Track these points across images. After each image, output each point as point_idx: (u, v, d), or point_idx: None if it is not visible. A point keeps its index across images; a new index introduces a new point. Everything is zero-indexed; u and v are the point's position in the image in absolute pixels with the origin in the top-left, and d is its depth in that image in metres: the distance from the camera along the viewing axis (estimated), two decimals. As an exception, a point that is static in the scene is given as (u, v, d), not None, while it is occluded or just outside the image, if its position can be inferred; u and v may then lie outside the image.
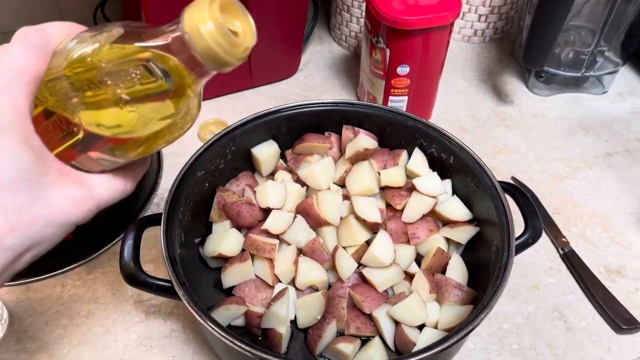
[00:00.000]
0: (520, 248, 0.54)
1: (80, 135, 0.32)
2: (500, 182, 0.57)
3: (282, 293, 0.55)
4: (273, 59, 0.84)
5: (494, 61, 0.93)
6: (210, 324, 0.46)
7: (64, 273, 0.63)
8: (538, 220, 0.56)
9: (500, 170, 0.75)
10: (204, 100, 0.83)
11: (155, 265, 0.64)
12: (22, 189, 0.29)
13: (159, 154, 0.75)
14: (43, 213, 0.30)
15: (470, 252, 0.60)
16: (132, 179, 0.37)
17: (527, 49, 0.74)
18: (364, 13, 0.87)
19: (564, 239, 0.67)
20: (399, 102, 0.77)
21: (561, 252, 0.66)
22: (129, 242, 0.52)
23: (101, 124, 0.31)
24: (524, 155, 0.78)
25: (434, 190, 0.59)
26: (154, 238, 0.65)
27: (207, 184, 0.60)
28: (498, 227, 0.53)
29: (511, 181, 0.74)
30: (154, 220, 0.54)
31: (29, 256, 0.31)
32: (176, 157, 0.76)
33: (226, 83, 0.83)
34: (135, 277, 0.50)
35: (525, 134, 0.81)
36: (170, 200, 0.53)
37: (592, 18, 0.83)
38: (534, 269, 0.65)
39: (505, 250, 0.51)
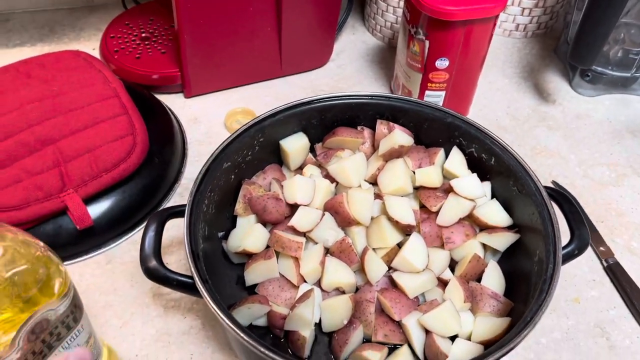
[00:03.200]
0: (565, 259, 0.50)
1: None
2: (546, 188, 0.53)
3: (307, 295, 0.52)
4: (304, 47, 0.81)
5: (536, 58, 0.88)
6: (233, 326, 0.43)
7: (83, 261, 0.61)
8: (585, 230, 0.52)
9: (540, 174, 0.71)
10: (231, 88, 0.81)
11: (175, 257, 0.61)
12: None
13: (183, 141, 0.73)
14: None
15: (508, 259, 0.57)
16: None
17: (576, 45, 0.70)
18: (400, 2, 0.84)
19: (608, 250, 0.63)
20: (436, 97, 0.73)
21: (605, 264, 0.62)
22: (150, 235, 0.50)
23: None
24: (565, 159, 0.73)
25: (473, 193, 0.56)
26: (175, 229, 0.62)
27: (232, 176, 0.57)
28: (542, 236, 0.50)
29: (552, 186, 0.70)
30: (177, 212, 0.52)
31: None
32: (201, 146, 0.73)
33: (254, 71, 0.81)
34: (155, 271, 0.48)
35: (567, 136, 0.76)
36: (194, 192, 0.51)
37: (646, 15, 0.77)
38: (574, 280, 0.61)
39: (551, 261, 0.47)
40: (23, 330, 0.36)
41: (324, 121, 0.62)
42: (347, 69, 0.86)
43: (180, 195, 0.68)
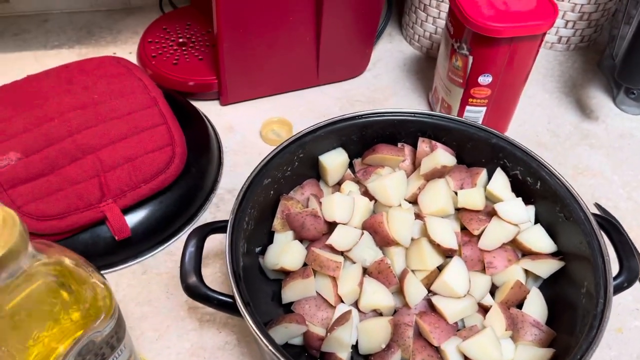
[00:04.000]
0: (614, 292, 0.49)
1: None
2: (594, 215, 0.52)
3: (345, 317, 0.51)
4: (342, 56, 0.80)
5: (579, 72, 0.86)
6: (271, 348, 0.43)
7: (119, 271, 0.61)
8: (635, 261, 0.50)
9: (583, 195, 0.68)
10: (265, 97, 0.80)
11: (211, 269, 0.61)
12: None
13: (219, 150, 0.72)
14: None
15: (550, 286, 0.55)
16: None
17: (625, 64, 0.67)
18: (441, 13, 0.82)
19: (653, 279, 0.61)
20: (476, 113, 0.71)
21: (650, 293, 0.60)
22: (191, 250, 0.50)
23: None
24: (609, 180, 0.71)
25: (518, 217, 0.54)
26: (210, 240, 0.62)
27: (272, 192, 0.57)
28: (591, 267, 0.48)
29: (595, 208, 0.68)
30: (218, 228, 0.52)
31: None
32: (237, 156, 0.73)
33: (291, 80, 0.80)
34: (196, 289, 0.48)
35: (611, 155, 0.74)
36: (236, 209, 0.50)
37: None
38: (617, 309, 0.59)
39: (601, 296, 0.45)
40: (70, 354, 0.36)
41: (364, 137, 0.61)
42: (383, 79, 0.85)
43: (216, 205, 0.67)
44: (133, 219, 0.60)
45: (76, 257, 0.39)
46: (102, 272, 0.60)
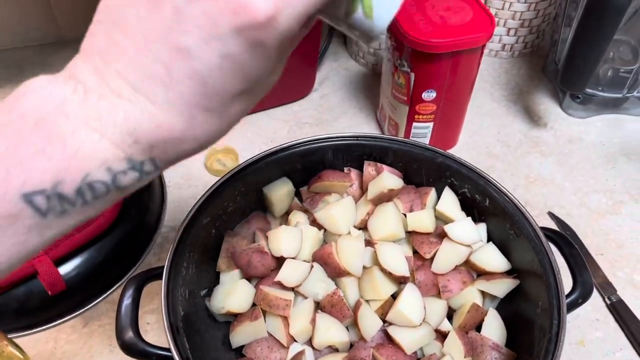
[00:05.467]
0: (569, 309, 0.47)
1: None
2: (544, 229, 0.51)
3: (298, 358, 0.49)
4: (286, 78, 0.77)
5: (524, 78, 0.86)
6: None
7: (58, 326, 0.57)
8: (588, 274, 0.49)
9: (535, 204, 0.69)
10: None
11: (157, 316, 0.58)
12: None
13: (162, 186, 0.69)
14: None
15: (508, 305, 0.54)
16: None
17: (566, 71, 0.67)
18: (383, 28, 0.81)
19: (610, 286, 0.60)
20: (424, 129, 0.70)
21: (608, 301, 0.59)
22: (127, 303, 0.46)
23: None
24: (560, 187, 0.71)
25: (469, 238, 0.53)
26: (155, 285, 0.59)
27: (213, 230, 0.54)
28: (544, 286, 0.47)
29: (548, 217, 0.67)
30: (155, 275, 0.49)
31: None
32: (181, 190, 0.70)
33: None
34: (133, 346, 0.44)
35: (561, 162, 0.74)
36: (171, 257, 0.47)
37: (635, 33, 0.75)
38: (577, 321, 0.58)
39: (555, 317, 0.44)
40: None
41: (309, 164, 0.59)
42: (330, 98, 0.83)
43: (161, 246, 0.64)
44: (68, 268, 0.56)
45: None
46: (39, 328, 0.56)
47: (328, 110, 0.81)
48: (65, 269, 0.56)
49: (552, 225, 0.66)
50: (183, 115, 0.25)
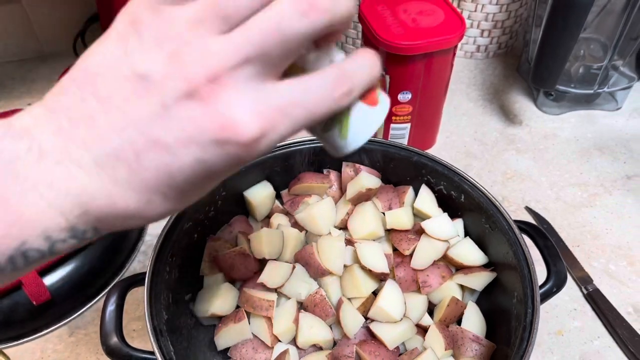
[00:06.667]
0: (544, 298, 0.49)
1: None
2: (517, 222, 0.52)
3: (282, 358, 0.50)
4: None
5: (499, 78, 0.87)
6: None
7: (44, 336, 0.57)
8: (561, 264, 0.51)
9: (513, 200, 0.70)
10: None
11: (143, 323, 0.58)
12: None
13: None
14: None
15: (486, 296, 0.55)
16: None
17: (537, 69, 0.69)
18: (359, 34, 0.82)
19: (586, 276, 0.62)
20: (402, 130, 0.72)
21: (585, 291, 0.61)
22: (111, 309, 0.47)
23: None
24: (537, 182, 0.72)
25: (446, 233, 0.54)
26: (141, 292, 0.59)
27: (196, 235, 0.55)
28: (519, 276, 0.48)
29: (525, 212, 0.69)
30: (138, 281, 0.49)
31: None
32: (164, 198, 0.70)
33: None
34: (118, 350, 0.45)
35: (537, 158, 0.75)
36: (153, 262, 0.48)
37: (604, 30, 0.78)
38: (556, 311, 0.59)
39: (530, 306, 0.45)
40: None
41: (288, 167, 0.60)
42: (310, 103, 0.84)
43: (145, 253, 0.64)
44: (53, 278, 0.57)
45: None
46: (25, 339, 0.57)
47: (308, 115, 0.82)
48: (50, 279, 0.57)
49: (530, 219, 0.68)
50: (140, 198, 0.24)
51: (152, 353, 0.45)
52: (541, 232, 0.53)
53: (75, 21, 0.88)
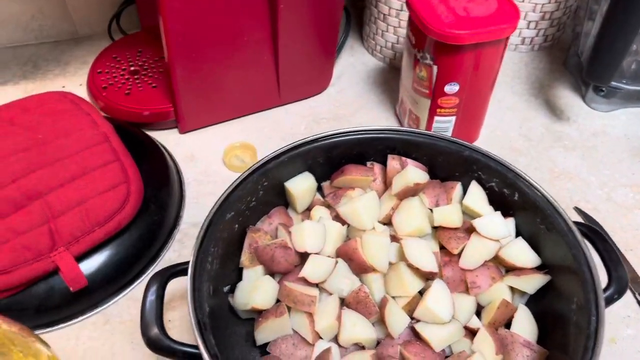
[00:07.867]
0: (605, 305, 0.46)
1: None
2: (577, 224, 0.49)
3: (325, 356, 0.48)
4: (303, 74, 0.77)
5: (545, 72, 0.84)
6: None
7: (79, 323, 0.56)
8: (623, 270, 0.48)
9: (561, 199, 0.67)
10: (228, 120, 0.77)
11: (179, 313, 0.57)
12: None
13: (180, 182, 0.68)
14: None
15: (538, 301, 0.52)
16: None
17: (592, 64, 0.66)
18: (401, 22, 0.80)
19: (641, 282, 0.59)
20: (446, 123, 0.69)
21: (639, 297, 0.58)
22: (151, 299, 0.45)
23: None
24: (586, 181, 0.69)
25: (498, 233, 0.52)
26: (176, 281, 0.58)
27: (237, 225, 0.53)
28: (579, 281, 0.46)
29: (575, 212, 0.66)
30: (179, 271, 0.48)
31: None
32: (200, 186, 0.69)
33: (252, 102, 0.76)
34: (158, 342, 0.44)
35: (586, 156, 0.72)
36: (197, 251, 0.46)
37: (660, 25, 0.74)
38: (609, 317, 0.56)
39: (593, 313, 0.43)
40: None
41: (331, 159, 0.58)
42: (347, 93, 0.82)
43: (180, 242, 0.63)
44: (89, 265, 0.56)
45: (15, 329, 0.34)
46: (60, 325, 0.56)
47: (345, 105, 0.80)
48: (85, 265, 0.55)
49: (579, 220, 0.65)
50: None
51: (194, 347, 0.43)
52: (601, 235, 0.50)
53: (110, 3, 0.86)
